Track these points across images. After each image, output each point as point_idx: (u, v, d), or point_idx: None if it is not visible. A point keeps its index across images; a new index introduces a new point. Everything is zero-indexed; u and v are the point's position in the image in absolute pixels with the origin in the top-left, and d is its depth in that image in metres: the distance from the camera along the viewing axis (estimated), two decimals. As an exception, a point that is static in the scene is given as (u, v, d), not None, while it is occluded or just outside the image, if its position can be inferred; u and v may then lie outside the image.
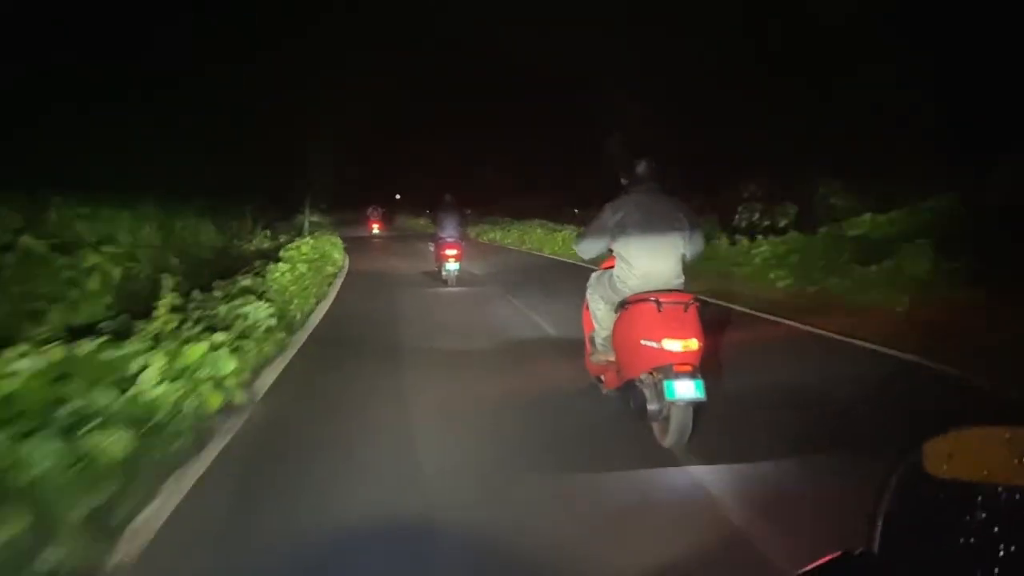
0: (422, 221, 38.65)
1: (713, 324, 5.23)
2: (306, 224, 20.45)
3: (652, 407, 4.06)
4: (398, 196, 44.75)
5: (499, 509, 3.39)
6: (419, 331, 8.27)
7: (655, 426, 4.15)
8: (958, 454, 0.74)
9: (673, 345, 4.00)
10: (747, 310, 9.33)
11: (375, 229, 34.29)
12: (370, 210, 35.69)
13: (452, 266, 12.35)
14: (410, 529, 3.20)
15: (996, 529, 0.67)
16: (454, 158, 37.41)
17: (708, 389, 3.95)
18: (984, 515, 0.68)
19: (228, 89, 16.01)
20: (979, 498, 0.69)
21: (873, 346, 6.91)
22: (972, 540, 0.67)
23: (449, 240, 12.32)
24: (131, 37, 14.35)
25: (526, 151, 31.06)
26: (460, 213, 12.96)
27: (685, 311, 4.13)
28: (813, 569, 0.71)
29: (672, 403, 3.92)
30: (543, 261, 18.61)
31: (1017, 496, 0.67)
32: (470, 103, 33.63)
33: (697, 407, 3.98)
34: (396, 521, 3.29)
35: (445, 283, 12.47)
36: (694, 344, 4.03)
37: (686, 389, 3.90)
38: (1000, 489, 0.68)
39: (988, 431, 0.73)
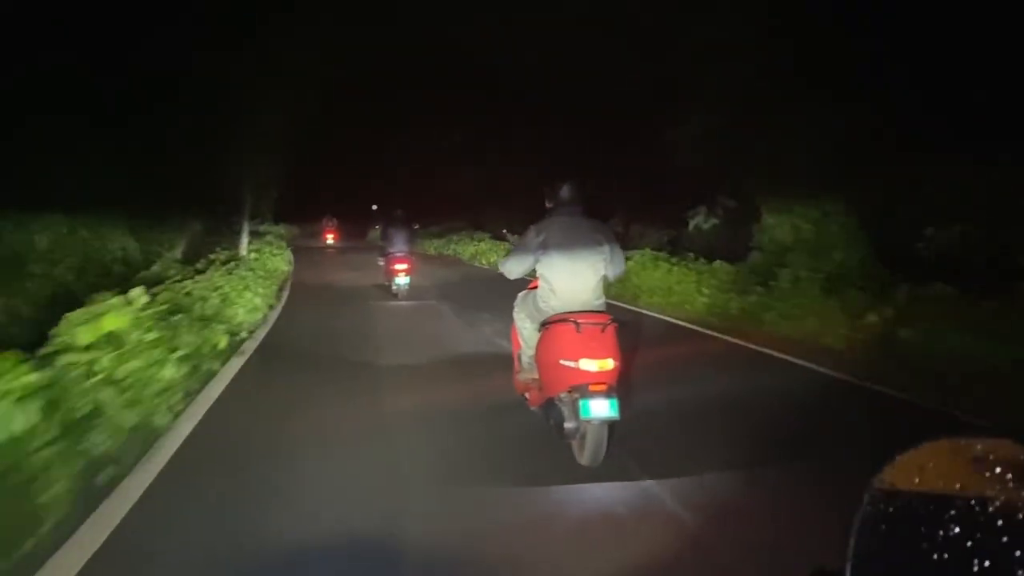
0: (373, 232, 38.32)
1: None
2: (243, 238, 18.40)
3: (569, 425, 4.17)
4: (375, 207, 43.93)
5: (419, 518, 3.48)
6: (365, 345, 8.30)
7: (573, 444, 4.26)
8: (929, 467, 0.73)
9: (590, 365, 4.12)
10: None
11: (330, 239, 34.42)
12: (325, 220, 36.24)
13: (402, 280, 12.39)
14: (329, 535, 3.30)
15: (969, 543, 0.66)
16: (418, 165, 36.87)
17: (626, 405, 4.09)
18: (957, 529, 0.66)
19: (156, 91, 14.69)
20: (951, 512, 0.68)
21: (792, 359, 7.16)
22: (946, 555, 0.66)
23: (399, 255, 12.34)
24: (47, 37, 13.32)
25: (491, 163, 30.69)
26: (409, 228, 13.02)
27: (603, 332, 4.25)
28: None
29: (588, 421, 4.04)
30: (494, 275, 18.72)
31: (990, 508, 0.66)
32: (436, 105, 32.84)
33: (614, 424, 4.11)
34: (317, 526, 3.39)
35: (395, 296, 12.47)
36: (610, 364, 4.16)
37: (601, 408, 4.02)
38: (972, 502, 0.67)
39: (959, 443, 0.73)
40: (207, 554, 3.12)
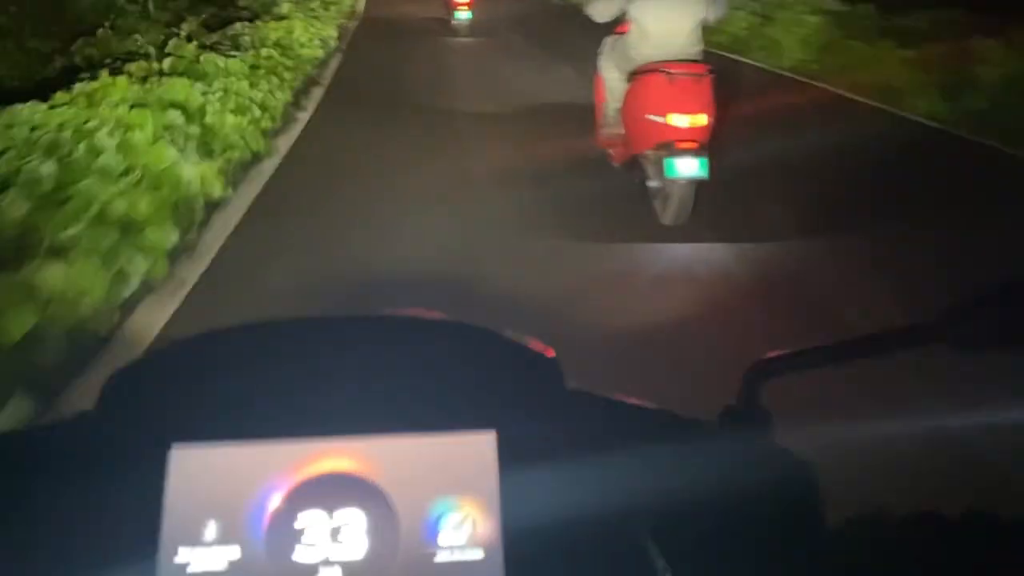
0: None
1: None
2: None
3: (652, 184, 4.00)
4: None
5: (493, 264, 3.56)
6: (421, 87, 8.16)
7: (655, 203, 4.12)
8: None
9: (679, 120, 3.83)
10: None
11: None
12: None
13: (463, 14, 11.47)
14: (407, 272, 3.42)
15: None
16: None
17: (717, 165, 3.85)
18: None
19: None
20: None
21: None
22: None
23: None
24: None
25: None
26: None
27: (698, 83, 3.90)
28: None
29: (673, 181, 3.85)
30: (571, 11, 17.42)
31: None
32: None
33: (702, 184, 3.91)
34: (398, 265, 3.54)
35: (455, 33, 11.65)
36: (702, 119, 3.85)
37: (688, 167, 3.80)
38: None
39: None
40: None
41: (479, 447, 0.48)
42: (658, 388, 0.56)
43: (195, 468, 0.47)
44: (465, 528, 0.47)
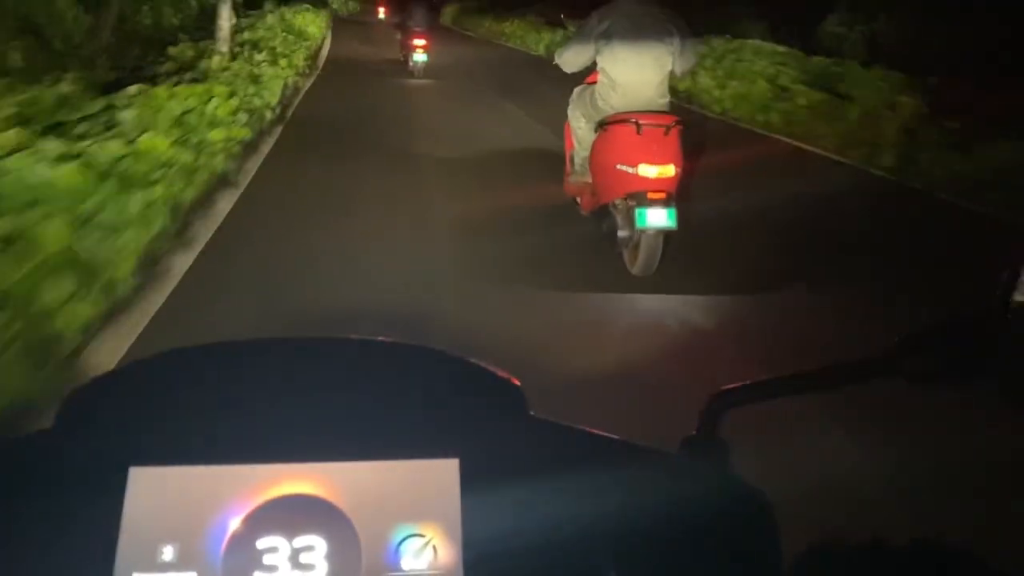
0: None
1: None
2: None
3: (622, 234, 3.98)
4: None
5: (453, 315, 3.44)
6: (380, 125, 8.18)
7: (625, 253, 4.09)
8: None
9: (649, 171, 3.83)
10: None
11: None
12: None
13: (419, 57, 11.97)
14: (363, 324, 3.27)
15: None
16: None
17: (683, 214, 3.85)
18: None
19: None
20: None
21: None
22: None
23: (417, 30, 11.90)
24: None
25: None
26: (430, 4, 12.58)
27: (666, 134, 3.91)
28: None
29: (643, 231, 3.83)
30: (523, 58, 17.79)
31: None
32: None
33: (669, 235, 3.90)
34: (354, 316, 3.39)
35: (412, 74, 12.09)
36: (671, 170, 3.86)
37: (658, 217, 3.78)
38: None
39: None
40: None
41: (442, 474, 0.48)
42: (623, 432, 0.57)
43: (153, 490, 0.46)
44: (426, 554, 0.47)
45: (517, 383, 0.55)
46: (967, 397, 0.65)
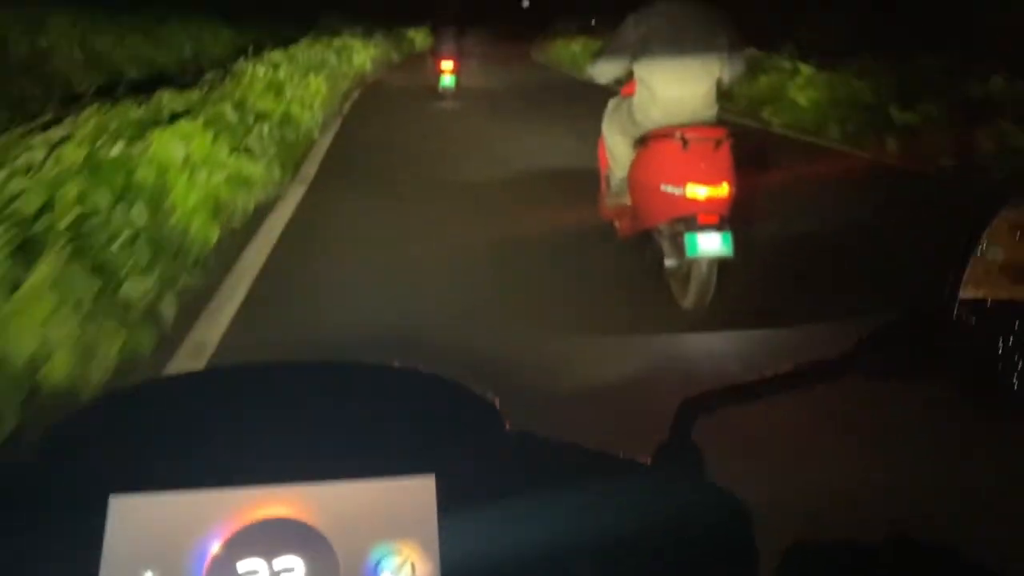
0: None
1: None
2: None
3: (670, 263, 3.53)
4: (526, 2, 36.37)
5: (483, 368, 2.98)
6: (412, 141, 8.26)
7: (673, 284, 3.63)
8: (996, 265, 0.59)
9: (699, 191, 3.39)
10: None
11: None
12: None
13: (448, 80, 12.25)
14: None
15: None
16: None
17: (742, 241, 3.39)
18: None
19: None
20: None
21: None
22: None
23: (445, 54, 12.26)
24: None
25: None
26: (458, 31, 12.87)
27: (716, 149, 3.47)
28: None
29: (693, 260, 3.38)
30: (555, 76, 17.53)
31: None
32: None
33: (724, 264, 3.44)
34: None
35: (442, 97, 12.30)
36: (724, 190, 3.41)
37: (711, 244, 3.33)
38: None
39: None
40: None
41: (418, 492, 0.49)
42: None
43: (134, 517, 0.47)
44: (404, 573, 0.47)
45: (493, 399, 0.56)
46: (925, 393, 0.64)
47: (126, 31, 11.53)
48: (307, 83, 9.17)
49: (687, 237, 3.36)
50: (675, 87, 3.62)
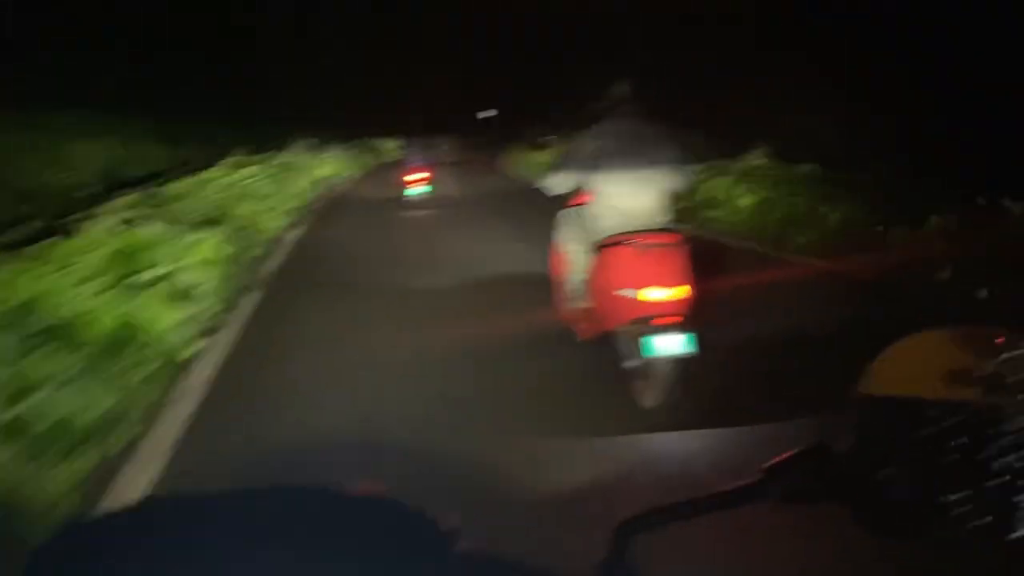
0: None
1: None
2: None
3: (629, 363, 3.61)
4: (492, 112, 36.70)
5: (446, 479, 2.94)
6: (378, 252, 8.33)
7: (634, 385, 3.71)
8: (910, 364, 0.65)
9: (654, 294, 3.53)
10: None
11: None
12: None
13: (417, 190, 12.73)
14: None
15: (951, 441, 0.58)
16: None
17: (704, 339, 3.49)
18: (939, 429, 0.59)
19: None
20: (931, 412, 0.60)
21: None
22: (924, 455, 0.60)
23: (416, 165, 12.77)
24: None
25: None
26: (427, 144, 14.23)
27: (671, 253, 3.64)
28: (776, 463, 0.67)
29: (651, 360, 3.47)
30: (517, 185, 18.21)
31: (969, 404, 0.58)
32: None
33: (682, 364, 3.52)
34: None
35: (413, 207, 12.63)
36: (679, 292, 3.56)
37: (668, 344, 3.44)
38: (937, 406, 0.59)
39: (939, 334, 0.65)
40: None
41: None
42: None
43: None
44: None
45: (450, 516, 0.58)
46: (825, 513, 0.67)
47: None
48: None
49: (644, 339, 3.46)
50: (629, 197, 3.83)
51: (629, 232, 3.75)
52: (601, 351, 3.97)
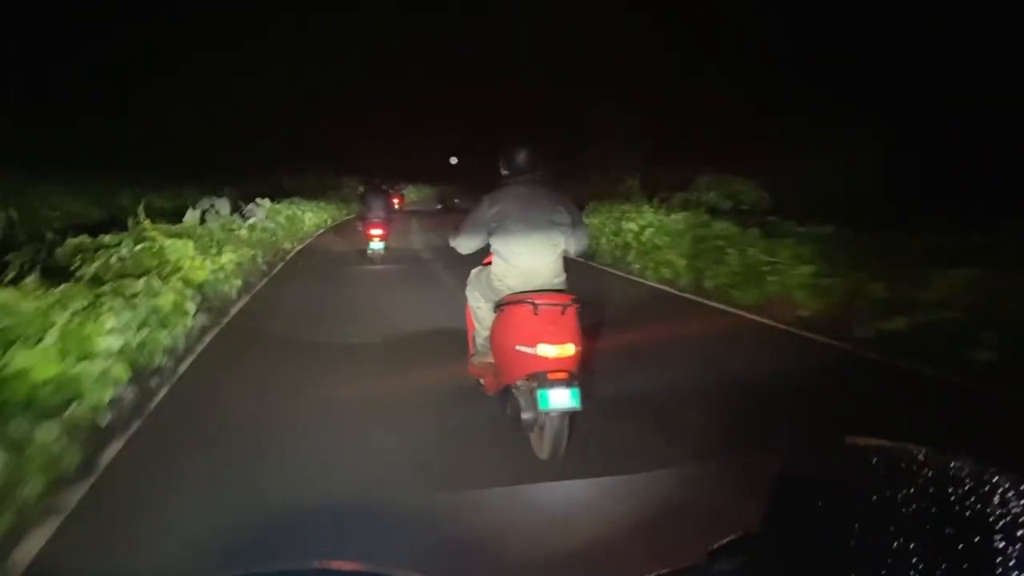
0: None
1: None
2: None
3: (526, 416, 3.80)
4: (453, 160, 38.74)
5: (344, 534, 3.08)
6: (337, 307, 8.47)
7: (531, 436, 3.90)
8: (833, 464, 0.70)
9: (548, 350, 3.74)
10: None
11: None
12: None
13: (377, 245, 12.74)
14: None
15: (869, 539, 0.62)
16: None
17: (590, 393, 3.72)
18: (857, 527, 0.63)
19: None
20: (852, 512, 0.64)
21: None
22: (845, 549, 0.63)
23: (375, 220, 12.73)
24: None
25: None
26: (387, 196, 13.63)
27: (563, 313, 3.87)
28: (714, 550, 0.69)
29: (546, 413, 3.67)
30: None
31: (887, 509, 0.62)
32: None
33: (575, 415, 3.74)
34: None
35: (371, 261, 12.76)
36: (570, 349, 3.78)
37: (560, 398, 3.65)
38: (873, 499, 0.63)
39: (862, 444, 0.69)
40: None
41: None
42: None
43: None
44: None
45: None
46: None
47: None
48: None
49: (539, 392, 3.66)
50: (526, 258, 4.06)
51: (527, 291, 3.98)
52: (504, 405, 4.16)
